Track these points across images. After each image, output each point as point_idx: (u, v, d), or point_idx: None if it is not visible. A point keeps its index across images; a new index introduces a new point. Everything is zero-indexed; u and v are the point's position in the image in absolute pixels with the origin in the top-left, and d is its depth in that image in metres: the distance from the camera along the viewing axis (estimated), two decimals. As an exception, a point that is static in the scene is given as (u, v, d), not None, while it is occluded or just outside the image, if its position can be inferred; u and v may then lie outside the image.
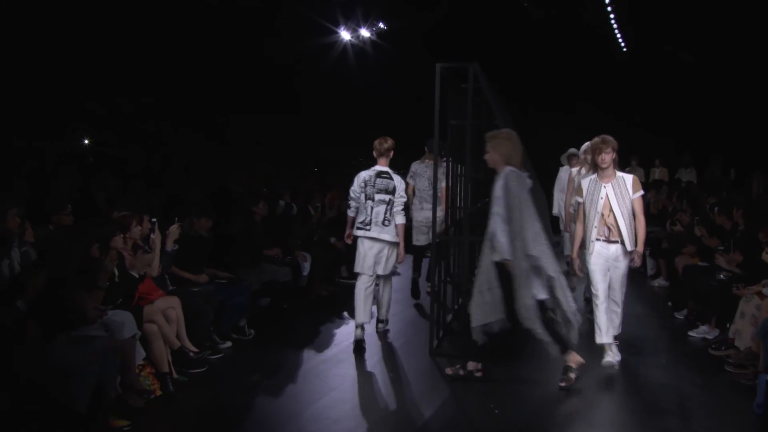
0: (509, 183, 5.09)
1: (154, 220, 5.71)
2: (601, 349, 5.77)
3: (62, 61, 11.62)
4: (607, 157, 5.67)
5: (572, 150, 8.49)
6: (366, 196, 6.21)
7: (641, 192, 5.75)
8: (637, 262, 5.74)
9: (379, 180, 6.21)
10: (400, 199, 6.20)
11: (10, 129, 10.58)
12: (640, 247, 5.69)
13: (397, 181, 6.21)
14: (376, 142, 6.26)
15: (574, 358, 5.25)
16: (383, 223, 6.13)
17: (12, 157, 9.19)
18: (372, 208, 6.16)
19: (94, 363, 4.35)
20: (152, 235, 5.63)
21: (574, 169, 7.79)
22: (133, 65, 12.58)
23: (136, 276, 5.34)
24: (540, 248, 5.00)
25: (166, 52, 12.90)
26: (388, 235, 6.13)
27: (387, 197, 6.14)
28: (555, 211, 9.00)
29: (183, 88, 13.87)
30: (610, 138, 5.75)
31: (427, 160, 7.79)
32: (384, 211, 6.11)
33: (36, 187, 7.77)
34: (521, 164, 5.25)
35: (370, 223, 6.17)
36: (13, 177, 7.84)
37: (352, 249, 9.31)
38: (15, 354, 4.10)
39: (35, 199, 6.75)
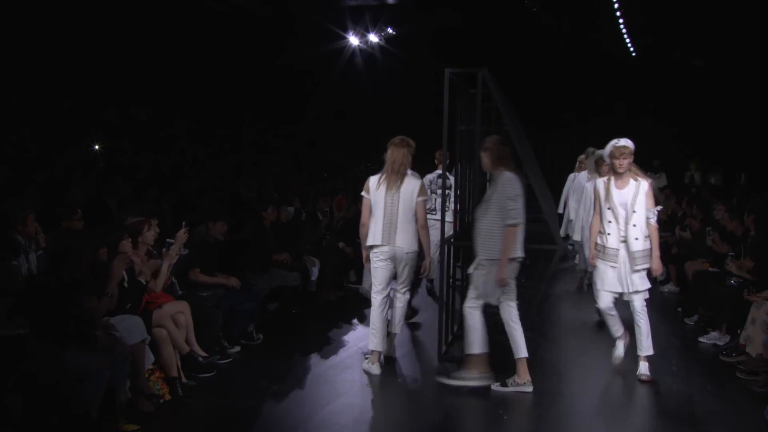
0: None
1: (170, 241, 5.71)
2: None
3: (80, 71, 11.74)
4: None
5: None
6: (430, 191, 7.85)
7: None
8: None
9: (439, 180, 7.74)
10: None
11: (27, 138, 10.70)
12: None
13: (452, 180, 7.26)
14: (437, 153, 7.79)
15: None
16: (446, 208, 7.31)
17: (27, 165, 9.27)
18: (436, 199, 7.84)
19: (105, 367, 4.37)
20: (164, 250, 5.63)
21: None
22: (146, 74, 12.69)
23: (144, 282, 5.36)
24: None
25: (178, 59, 12.99)
26: (449, 216, 7.08)
27: (447, 192, 7.19)
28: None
29: (195, 95, 13.96)
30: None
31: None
32: (445, 201, 7.31)
33: (49, 193, 7.82)
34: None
35: (434, 210, 7.72)
36: (27, 184, 7.88)
37: (360, 253, 9.36)
38: (28, 358, 4.12)
39: (47, 205, 6.80)
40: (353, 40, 15.06)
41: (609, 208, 5.65)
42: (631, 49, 16.21)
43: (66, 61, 11.45)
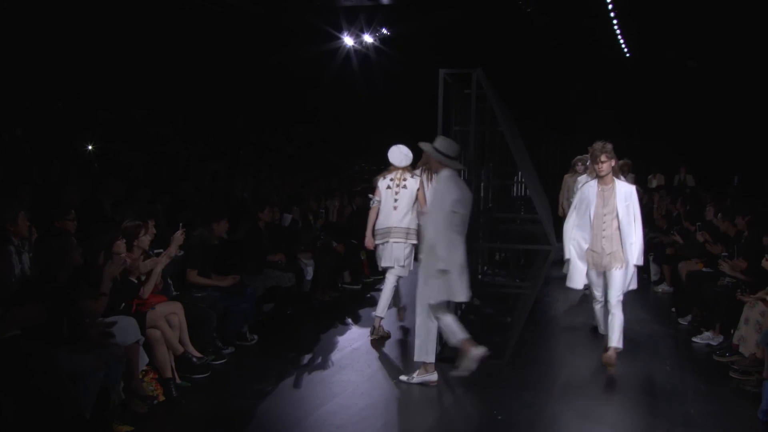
0: None
1: (158, 250, 5.68)
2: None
3: (73, 71, 11.70)
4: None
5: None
6: None
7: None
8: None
9: None
10: None
11: (20, 138, 10.67)
12: None
13: None
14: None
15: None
16: None
17: (21, 165, 9.24)
18: None
19: (99, 369, 4.35)
20: (149, 261, 5.59)
21: None
22: (141, 74, 12.65)
23: (135, 281, 5.34)
24: None
25: (173, 59, 12.96)
26: None
27: None
28: None
29: (190, 95, 13.92)
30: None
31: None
32: None
33: (42, 193, 7.78)
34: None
35: None
36: (18, 184, 7.83)
37: (355, 253, 9.39)
38: (21, 360, 4.10)
39: (41, 205, 6.75)
40: (348, 41, 15.06)
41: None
42: (625, 49, 16.25)
43: (60, 61, 11.41)
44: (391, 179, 6.78)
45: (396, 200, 6.69)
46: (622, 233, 5.71)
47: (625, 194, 5.78)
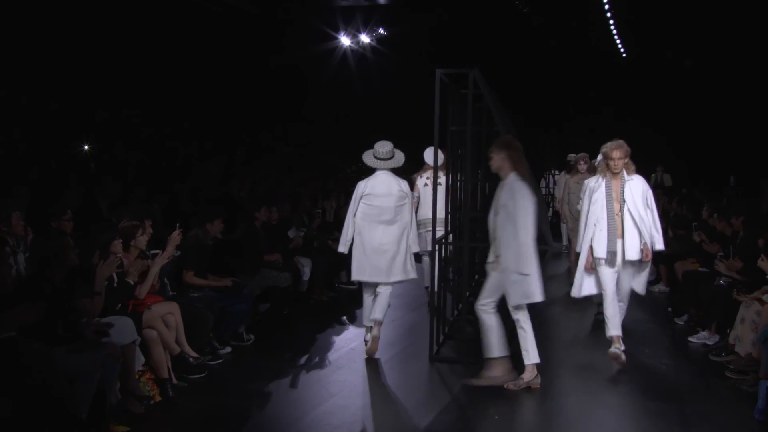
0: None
1: (155, 251, 5.68)
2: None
3: (69, 71, 11.70)
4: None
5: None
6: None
7: None
8: None
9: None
10: None
11: (17, 138, 10.66)
12: None
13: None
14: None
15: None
16: None
17: (17, 165, 9.22)
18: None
19: (96, 369, 4.35)
20: (149, 261, 5.58)
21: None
22: (137, 74, 12.64)
23: (132, 283, 5.33)
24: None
25: (169, 60, 12.95)
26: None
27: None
28: None
29: (187, 95, 13.91)
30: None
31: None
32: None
33: (39, 194, 7.77)
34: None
35: None
36: (13, 184, 7.82)
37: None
38: (18, 360, 4.09)
39: (38, 206, 6.74)
40: (345, 41, 15.07)
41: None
42: (622, 49, 16.29)
43: (55, 62, 11.40)
44: (428, 177, 7.83)
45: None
46: (499, 236, 5.22)
47: (508, 193, 5.21)
